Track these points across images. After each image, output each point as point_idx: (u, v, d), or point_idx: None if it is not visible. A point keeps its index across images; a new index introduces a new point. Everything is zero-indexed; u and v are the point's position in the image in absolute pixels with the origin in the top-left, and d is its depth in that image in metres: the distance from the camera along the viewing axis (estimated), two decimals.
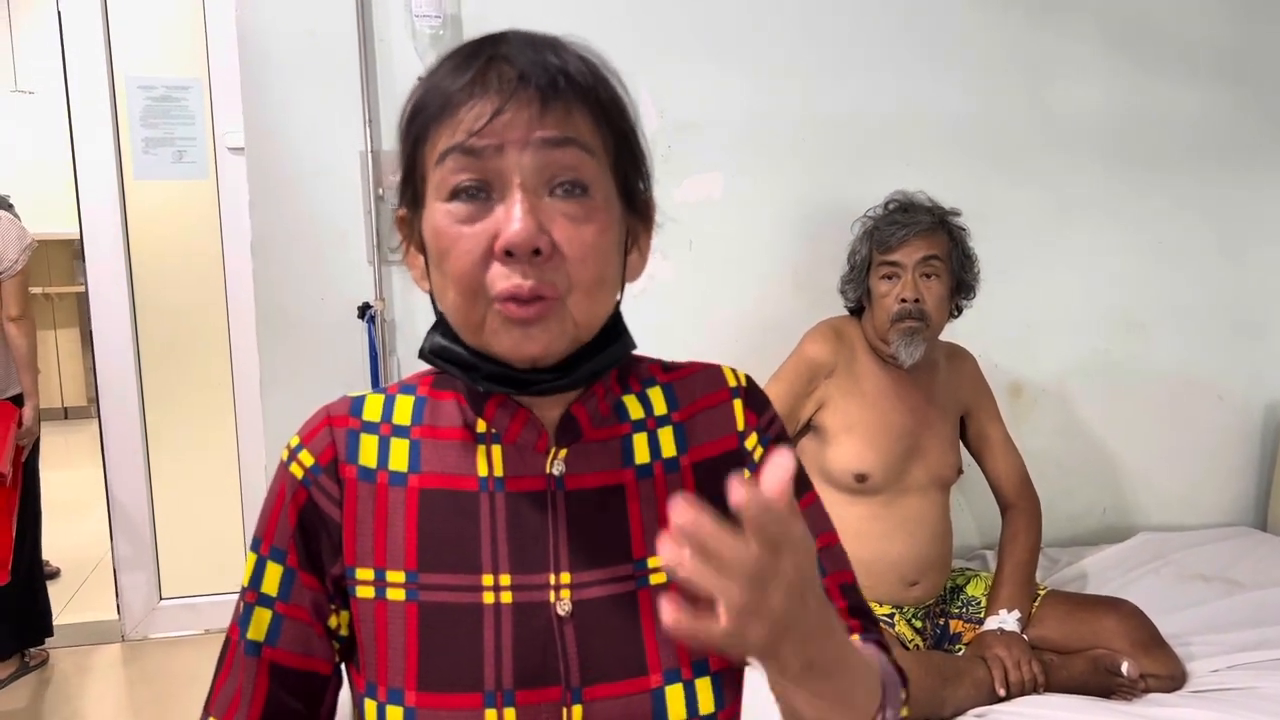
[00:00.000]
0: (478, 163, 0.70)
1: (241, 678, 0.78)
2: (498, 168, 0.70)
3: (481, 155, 0.70)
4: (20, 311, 2.87)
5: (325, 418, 0.81)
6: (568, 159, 0.71)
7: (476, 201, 0.71)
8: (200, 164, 3.14)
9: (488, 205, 0.71)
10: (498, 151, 0.70)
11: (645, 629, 0.77)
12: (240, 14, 2.04)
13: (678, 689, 0.77)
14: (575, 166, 0.71)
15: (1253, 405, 2.68)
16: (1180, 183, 2.53)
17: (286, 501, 0.79)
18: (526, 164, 0.70)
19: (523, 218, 0.69)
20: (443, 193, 0.72)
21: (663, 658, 0.77)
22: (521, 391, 0.75)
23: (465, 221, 0.71)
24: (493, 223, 0.70)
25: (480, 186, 0.70)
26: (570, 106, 0.71)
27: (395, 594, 0.76)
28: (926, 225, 1.91)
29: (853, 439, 1.95)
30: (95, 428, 3.26)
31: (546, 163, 0.70)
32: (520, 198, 0.69)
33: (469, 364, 0.75)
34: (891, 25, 2.31)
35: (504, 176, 0.70)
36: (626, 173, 0.77)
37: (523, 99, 0.70)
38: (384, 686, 0.75)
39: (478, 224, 0.70)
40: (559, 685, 0.75)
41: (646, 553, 0.79)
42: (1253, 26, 2.52)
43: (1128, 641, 1.84)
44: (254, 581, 0.79)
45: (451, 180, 0.71)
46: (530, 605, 0.76)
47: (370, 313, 2.12)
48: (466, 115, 0.70)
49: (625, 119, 0.76)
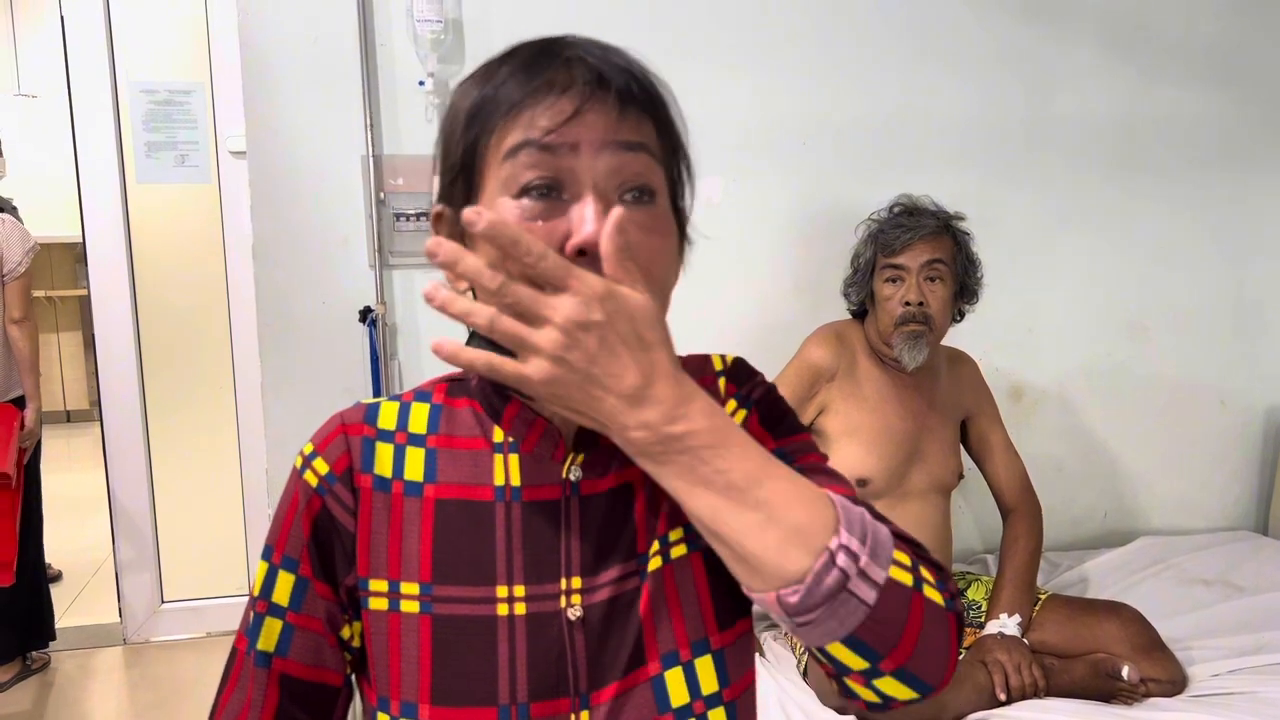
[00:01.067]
0: (552, 160, 0.69)
1: (251, 689, 0.77)
2: (571, 167, 0.69)
3: (557, 153, 0.69)
4: (23, 314, 2.88)
5: (340, 425, 0.79)
6: (638, 165, 0.70)
7: (547, 200, 0.69)
8: (202, 168, 3.15)
9: (559, 205, 0.69)
10: (573, 151, 0.69)
11: (644, 616, 0.76)
12: (242, 18, 2.04)
13: (677, 673, 0.75)
14: (644, 173, 0.71)
15: (1254, 409, 2.68)
16: (1181, 187, 2.53)
17: (300, 510, 0.77)
18: (600, 167, 0.69)
19: (599, 219, 0.67)
20: (512, 188, 0.70)
21: (660, 642, 0.76)
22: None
23: (536, 218, 0.69)
24: (565, 222, 0.68)
25: (551, 185, 0.69)
26: (642, 114, 0.71)
27: (409, 606, 0.75)
28: (932, 229, 1.91)
29: (854, 443, 1.95)
30: (97, 431, 3.27)
31: (619, 166, 0.70)
32: (594, 199, 0.68)
33: None
34: (893, 30, 2.32)
35: (576, 176, 0.69)
36: (679, 187, 0.77)
37: (603, 101, 0.69)
38: (397, 700, 0.74)
39: (549, 221, 0.69)
40: (569, 695, 0.74)
41: (647, 547, 0.78)
42: (1252, 32, 2.52)
43: (1128, 646, 1.83)
44: (265, 591, 0.78)
45: (523, 176, 0.69)
46: (543, 615, 0.75)
47: (371, 317, 2.12)
48: (545, 111, 0.69)
49: (679, 132, 0.76)
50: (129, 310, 3.16)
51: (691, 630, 0.77)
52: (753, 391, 0.85)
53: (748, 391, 0.85)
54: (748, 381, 0.85)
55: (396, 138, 2.10)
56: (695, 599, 0.77)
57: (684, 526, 0.78)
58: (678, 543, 0.78)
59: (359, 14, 2.05)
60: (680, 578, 0.77)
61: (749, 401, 0.84)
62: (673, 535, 0.78)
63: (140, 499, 3.22)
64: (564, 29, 0.79)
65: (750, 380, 0.85)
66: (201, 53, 3.08)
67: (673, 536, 0.78)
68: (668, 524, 0.78)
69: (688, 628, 0.76)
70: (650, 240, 0.70)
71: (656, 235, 0.71)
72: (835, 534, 0.63)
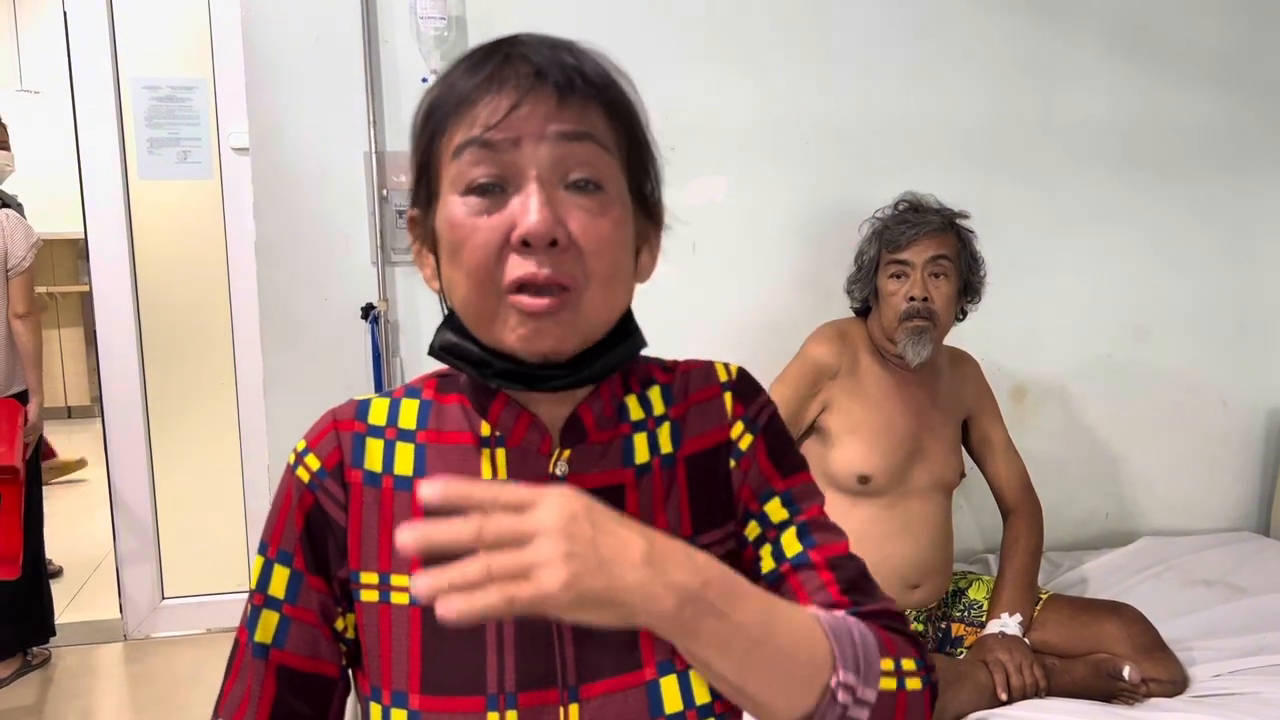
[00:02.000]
0: (494, 156, 0.70)
1: (250, 679, 0.78)
2: (514, 161, 0.70)
3: (498, 149, 0.70)
4: (27, 309, 2.89)
5: (331, 422, 0.81)
6: (583, 153, 0.71)
7: (492, 195, 0.71)
8: (205, 164, 3.15)
9: (504, 198, 0.71)
10: (514, 145, 0.70)
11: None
12: (245, 15, 2.04)
13: (672, 680, 0.77)
14: (590, 161, 0.71)
15: (1256, 410, 2.68)
16: (1185, 187, 2.53)
17: (293, 505, 0.79)
18: (543, 157, 0.70)
19: (540, 209, 0.69)
20: (459, 186, 0.72)
21: (656, 649, 0.77)
22: (532, 388, 0.75)
23: (481, 213, 0.71)
24: (509, 214, 0.70)
25: (496, 182, 0.71)
26: (586, 103, 0.72)
27: (400, 598, 0.77)
28: (936, 225, 1.92)
29: (856, 440, 1.95)
30: (99, 427, 3.27)
31: (563, 156, 0.71)
32: (537, 189, 0.69)
33: (480, 360, 0.75)
34: (898, 30, 2.31)
35: (520, 170, 0.70)
36: (638, 173, 0.77)
37: (539, 94, 0.70)
38: (388, 689, 0.76)
39: (494, 216, 0.70)
40: (557, 687, 0.75)
41: None
42: (1258, 32, 2.52)
43: (1129, 646, 1.83)
44: (262, 584, 0.79)
45: (468, 174, 0.71)
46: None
47: (374, 314, 2.12)
48: (483, 110, 0.70)
49: (638, 121, 0.77)
50: (130, 306, 3.17)
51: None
52: (759, 415, 0.85)
53: (755, 414, 0.85)
54: (754, 401, 0.85)
55: (399, 134, 2.10)
56: None
57: (684, 539, 0.78)
58: None
59: (362, 10, 2.05)
60: None
61: (756, 426, 0.84)
62: None
63: (141, 495, 3.22)
64: (566, 27, 0.79)
65: (757, 400, 0.86)
66: (204, 49, 3.08)
67: None
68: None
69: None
70: (597, 224, 0.71)
71: (605, 220, 0.72)
72: (834, 670, 0.68)
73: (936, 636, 2.03)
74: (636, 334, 0.81)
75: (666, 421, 0.83)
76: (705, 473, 0.82)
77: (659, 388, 0.85)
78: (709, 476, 0.82)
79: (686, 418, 0.84)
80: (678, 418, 0.84)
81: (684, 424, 0.84)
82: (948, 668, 1.80)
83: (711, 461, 0.83)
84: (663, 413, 0.84)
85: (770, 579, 0.81)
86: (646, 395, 0.85)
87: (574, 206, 0.71)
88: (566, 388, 0.75)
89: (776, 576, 0.81)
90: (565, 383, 0.74)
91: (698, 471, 0.82)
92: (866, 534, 1.93)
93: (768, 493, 0.83)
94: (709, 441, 0.83)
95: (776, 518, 0.82)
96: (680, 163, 2.21)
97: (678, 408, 0.84)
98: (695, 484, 0.82)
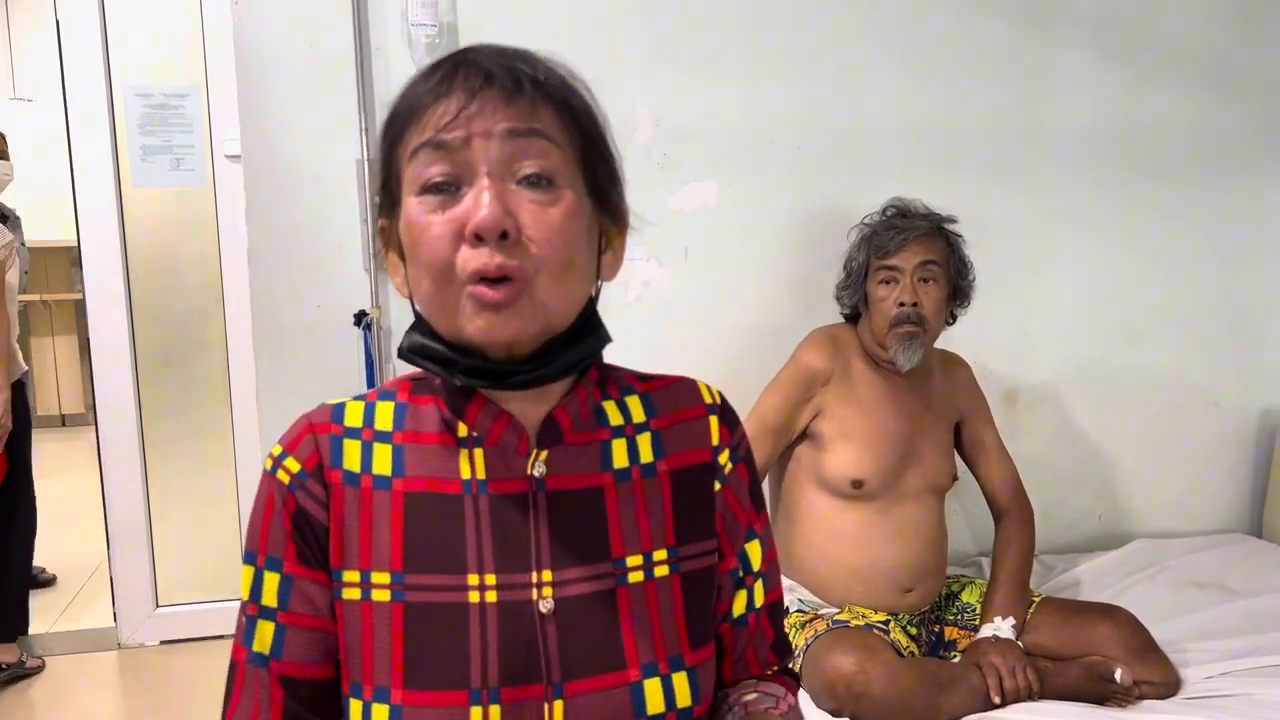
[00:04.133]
0: (447, 156, 0.72)
1: (257, 694, 0.78)
2: (466, 159, 0.72)
3: (450, 148, 0.72)
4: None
5: (308, 425, 0.82)
6: (533, 149, 0.73)
7: (446, 193, 0.73)
8: (197, 171, 3.14)
9: (458, 196, 0.73)
10: (465, 144, 0.72)
11: (624, 625, 0.79)
12: (237, 22, 2.05)
13: (655, 683, 0.79)
14: (541, 157, 0.73)
15: (1248, 412, 2.68)
16: (1175, 191, 2.54)
17: (277, 509, 0.79)
18: (493, 153, 0.72)
19: (490, 203, 0.71)
20: (415, 187, 0.74)
21: (641, 652, 0.78)
22: (499, 384, 0.76)
23: (436, 210, 0.73)
24: (462, 210, 0.72)
25: (450, 180, 0.73)
26: (536, 102, 0.74)
27: (381, 595, 0.77)
28: (924, 230, 1.92)
29: (849, 445, 1.95)
30: (92, 435, 3.26)
31: (513, 152, 0.73)
32: (487, 184, 0.72)
33: (447, 359, 0.76)
34: (888, 35, 2.32)
35: (472, 167, 0.72)
36: (596, 172, 0.79)
37: (488, 95, 0.73)
38: (370, 685, 0.76)
39: (448, 211, 0.72)
40: (541, 683, 0.76)
41: (625, 552, 0.81)
42: (1247, 34, 2.53)
43: (1122, 648, 1.84)
44: (254, 594, 0.79)
45: (423, 175, 0.73)
46: (514, 604, 0.77)
47: (366, 320, 2.13)
48: (434, 113, 0.73)
49: (593, 121, 0.79)
50: (124, 314, 3.16)
51: (669, 646, 0.80)
52: (740, 444, 0.90)
53: (738, 442, 0.90)
54: (737, 429, 0.90)
55: None
56: (674, 618, 0.82)
57: (668, 549, 0.83)
58: (661, 563, 0.82)
59: (354, 18, 2.06)
60: (662, 596, 0.81)
61: (738, 455, 0.89)
62: (657, 555, 0.82)
63: (135, 503, 3.21)
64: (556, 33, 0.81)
65: (738, 428, 0.91)
66: (197, 56, 3.08)
67: (657, 556, 0.82)
68: (652, 542, 0.82)
69: (666, 644, 0.80)
70: (547, 215, 0.73)
71: (555, 210, 0.73)
72: None
73: (930, 640, 2.03)
74: (600, 330, 0.82)
75: (648, 431, 0.86)
76: (690, 488, 0.85)
77: (638, 396, 0.87)
78: (694, 493, 0.86)
79: (670, 432, 0.86)
80: (660, 429, 0.86)
81: (666, 437, 0.86)
82: (941, 671, 1.80)
83: (697, 479, 0.86)
84: (643, 421, 0.86)
85: (738, 623, 0.90)
86: (625, 402, 0.86)
87: (525, 200, 0.73)
88: (533, 383, 0.76)
89: (743, 622, 0.90)
90: (531, 377, 0.76)
91: (683, 486, 0.85)
92: (860, 538, 1.94)
93: (749, 532, 0.89)
94: (693, 459, 0.86)
95: (755, 564, 0.90)
96: (672, 168, 2.22)
97: (661, 420, 0.87)
98: (680, 497, 0.85)
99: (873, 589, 1.94)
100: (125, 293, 3.16)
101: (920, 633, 2.01)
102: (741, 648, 0.91)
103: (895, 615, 1.96)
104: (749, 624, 0.90)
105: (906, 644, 1.93)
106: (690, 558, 0.84)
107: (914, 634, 1.99)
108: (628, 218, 0.84)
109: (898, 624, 1.96)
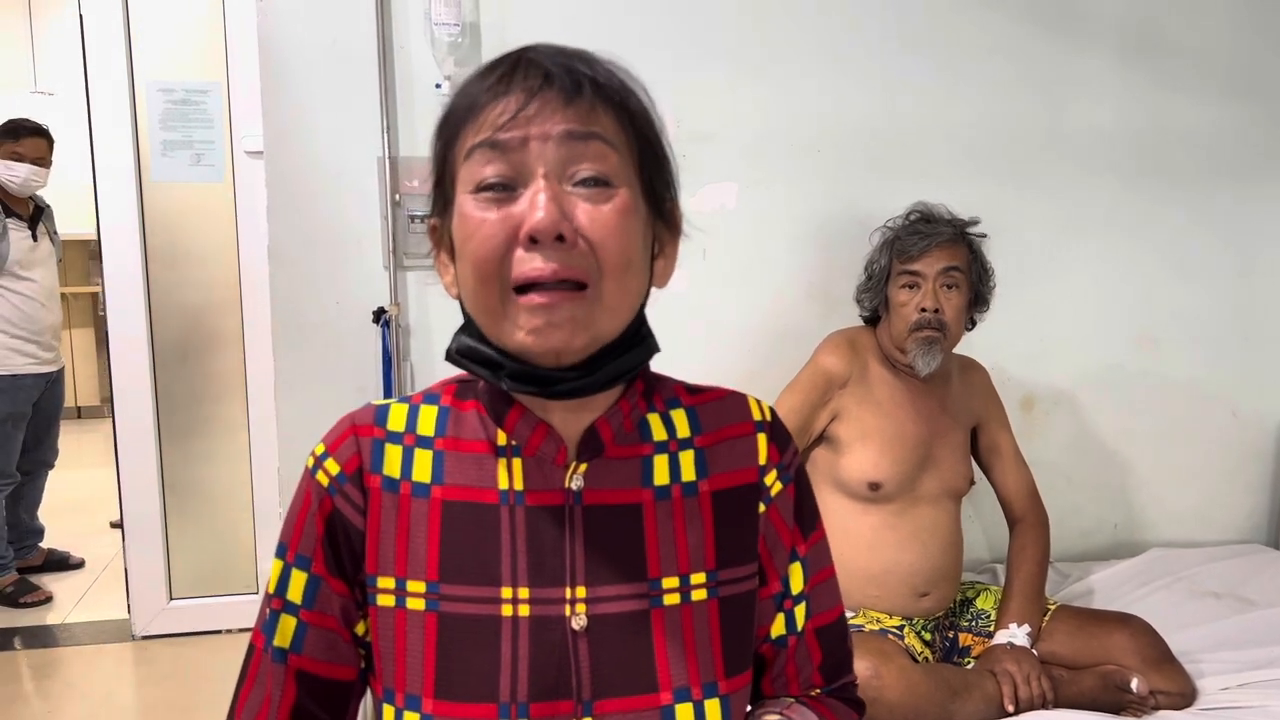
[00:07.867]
0: (503, 156, 0.71)
1: (269, 684, 0.78)
2: (523, 160, 0.71)
3: (506, 149, 0.71)
4: None
5: (350, 426, 0.81)
6: (591, 152, 0.72)
7: (501, 194, 0.72)
8: (218, 167, 3.16)
9: (513, 197, 0.71)
10: (522, 145, 0.71)
11: (658, 647, 0.77)
12: (261, 20, 2.05)
13: (688, 708, 0.77)
14: (598, 160, 0.72)
15: (1266, 421, 2.66)
16: (1194, 197, 2.52)
17: (313, 509, 0.79)
18: (550, 156, 0.71)
19: (546, 204, 0.69)
20: (469, 186, 0.73)
21: (674, 676, 0.77)
22: (545, 391, 0.74)
23: (490, 209, 0.71)
24: (517, 212, 0.71)
25: (505, 181, 0.71)
26: (594, 105, 0.73)
27: (415, 603, 0.77)
28: (948, 236, 1.92)
29: (867, 448, 1.95)
30: (109, 427, 3.28)
31: (570, 155, 0.71)
32: (544, 185, 0.70)
33: (493, 362, 0.75)
34: (908, 39, 2.32)
35: (528, 168, 0.71)
36: (651, 176, 0.77)
37: (547, 96, 0.71)
38: (401, 693, 0.76)
39: (502, 211, 0.71)
40: (571, 699, 0.75)
41: (661, 573, 0.79)
42: (1267, 41, 2.51)
43: (1138, 658, 1.83)
44: (280, 589, 0.79)
45: (478, 174, 0.72)
46: (547, 619, 0.76)
47: (385, 318, 2.13)
48: (492, 113, 0.72)
49: (650, 125, 0.77)
50: (142, 307, 3.17)
51: (704, 672, 0.78)
52: (792, 463, 0.87)
53: (789, 461, 0.86)
54: (789, 447, 0.87)
55: (412, 140, 2.11)
56: (709, 644, 0.79)
57: (707, 572, 0.80)
58: (699, 587, 0.80)
59: (377, 17, 2.06)
60: (698, 621, 0.79)
61: (788, 475, 0.86)
62: (694, 578, 0.80)
63: (150, 495, 3.23)
64: (576, 33, 0.80)
65: (790, 446, 0.87)
66: (218, 52, 3.10)
67: (694, 579, 0.80)
68: (690, 565, 0.80)
69: (700, 669, 0.78)
70: (603, 214, 0.71)
71: (610, 209, 0.72)
72: None
73: (944, 646, 2.03)
74: (649, 339, 0.81)
75: (691, 449, 0.83)
76: (733, 510, 0.83)
77: (684, 410, 0.85)
78: (737, 515, 0.83)
79: (715, 450, 0.84)
80: (705, 447, 0.84)
81: (711, 455, 0.83)
82: (955, 677, 1.80)
83: (741, 501, 0.83)
84: (687, 436, 0.84)
85: (778, 644, 0.88)
86: (670, 416, 0.84)
87: (581, 201, 0.71)
88: (580, 392, 0.75)
89: (782, 642, 0.88)
90: (578, 385, 0.74)
91: (725, 507, 0.83)
92: (877, 541, 1.93)
93: (792, 554, 0.87)
94: (738, 479, 0.84)
95: (796, 587, 0.88)
96: (692, 169, 2.22)
97: (706, 437, 0.84)
98: (722, 519, 0.82)
99: (888, 593, 1.93)
100: (144, 286, 3.18)
101: (935, 638, 2.00)
102: (781, 665, 0.89)
103: (910, 620, 1.96)
104: (789, 645, 0.88)
105: (921, 649, 1.93)
106: (729, 582, 0.82)
107: (928, 639, 1.98)
108: (681, 223, 0.82)
109: (912, 629, 1.95)
